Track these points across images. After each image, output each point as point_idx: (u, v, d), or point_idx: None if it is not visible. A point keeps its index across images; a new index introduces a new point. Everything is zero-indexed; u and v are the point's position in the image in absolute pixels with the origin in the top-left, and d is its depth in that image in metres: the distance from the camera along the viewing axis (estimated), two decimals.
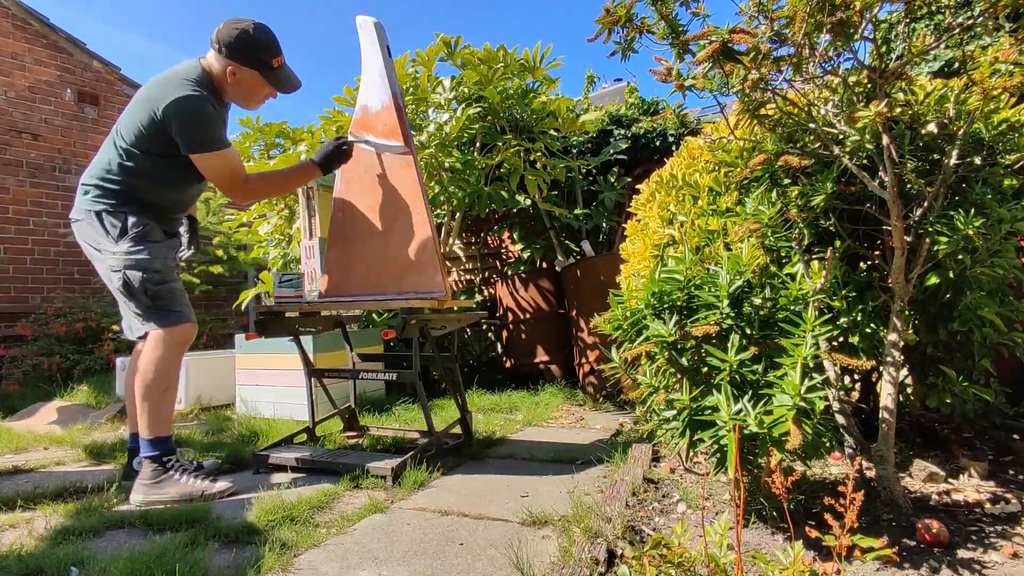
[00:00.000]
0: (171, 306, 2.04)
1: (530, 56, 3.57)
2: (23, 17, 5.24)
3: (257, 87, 2.10)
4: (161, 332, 2.01)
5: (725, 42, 1.35)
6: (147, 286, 1.99)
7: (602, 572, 1.28)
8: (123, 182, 2.03)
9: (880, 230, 1.64)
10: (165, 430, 2.01)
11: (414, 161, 2.28)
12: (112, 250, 2.00)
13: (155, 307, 2.02)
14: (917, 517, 1.43)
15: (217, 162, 2.00)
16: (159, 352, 1.99)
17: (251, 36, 2.01)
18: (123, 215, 2.02)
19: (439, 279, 2.20)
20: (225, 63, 2.03)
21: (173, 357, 2.02)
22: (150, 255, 2.02)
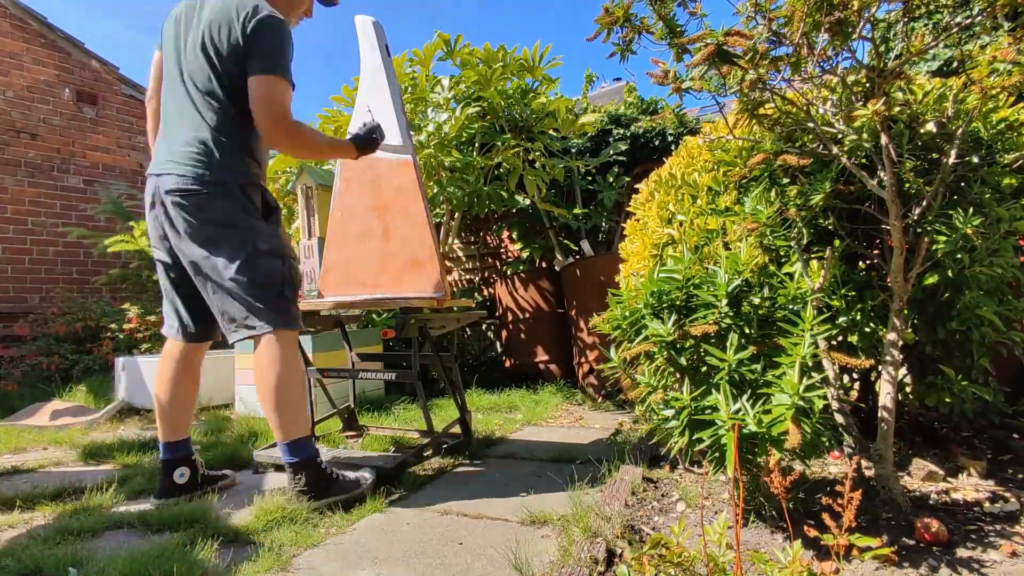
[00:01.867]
0: (294, 307, 1.88)
1: (529, 56, 3.57)
2: (21, 16, 5.23)
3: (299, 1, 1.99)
4: (284, 333, 1.80)
5: (720, 44, 1.35)
6: (295, 277, 1.86)
7: (601, 571, 1.28)
8: (242, 144, 1.81)
9: (879, 229, 1.64)
10: (307, 429, 1.85)
11: (413, 161, 2.28)
12: (266, 232, 1.81)
13: (291, 304, 1.85)
14: (916, 516, 1.43)
15: (282, 89, 1.75)
16: (290, 354, 1.80)
17: None
18: (260, 189, 1.84)
19: (438, 279, 2.20)
20: None
21: (297, 358, 1.85)
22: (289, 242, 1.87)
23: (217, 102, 1.80)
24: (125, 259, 5.16)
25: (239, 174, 1.81)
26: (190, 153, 1.77)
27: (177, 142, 1.80)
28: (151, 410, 3.68)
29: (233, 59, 1.76)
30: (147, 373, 3.73)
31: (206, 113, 1.80)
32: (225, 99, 1.80)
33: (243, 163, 1.83)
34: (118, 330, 4.44)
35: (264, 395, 1.79)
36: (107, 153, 5.69)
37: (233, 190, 1.79)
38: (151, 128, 2.01)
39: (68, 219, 5.35)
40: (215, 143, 1.78)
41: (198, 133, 1.79)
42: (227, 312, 1.80)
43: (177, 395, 1.94)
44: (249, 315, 1.78)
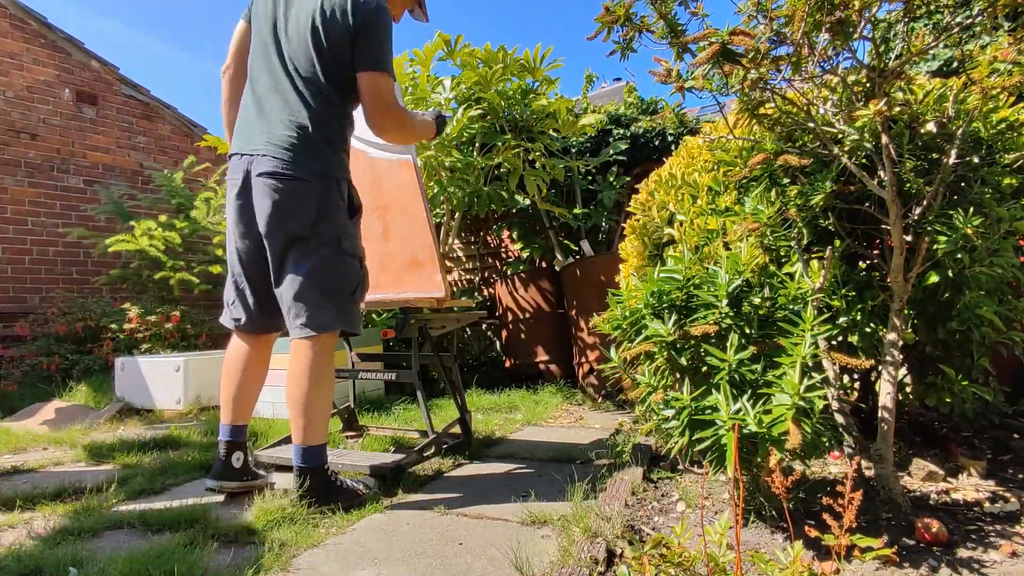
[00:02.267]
0: (358, 312, 1.86)
1: (530, 57, 3.57)
2: (21, 16, 5.23)
3: (398, 7, 1.98)
4: (329, 338, 1.80)
5: (725, 44, 1.35)
6: (366, 282, 1.85)
7: (601, 572, 1.27)
8: (339, 136, 1.79)
9: (879, 229, 1.64)
10: (325, 437, 1.85)
11: (413, 161, 2.28)
12: (350, 231, 1.79)
13: (357, 307, 1.83)
14: (916, 516, 1.43)
15: (391, 85, 1.76)
16: (323, 357, 1.79)
17: None
18: (347, 183, 1.81)
19: (438, 279, 2.20)
20: None
21: (332, 360, 1.84)
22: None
23: (319, 89, 1.76)
24: (125, 259, 5.16)
25: (337, 167, 1.79)
26: (290, 138, 1.72)
27: (277, 125, 1.75)
28: (151, 410, 3.68)
29: (341, 47, 1.72)
30: (147, 373, 3.73)
31: (308, 99, 1.75)
32: (327, 87, 1.77)
33: (339, 156, 1.81)
34: (118, 330, 4.44)
35: (295, 396, 1.77)
36: (107, 153, 5.69)
37: (331, 184, 1.77)
38: (227, 99, 1.95)
39: (68, 219, 5.35)
40: (317, 132, 1.74)
41: (299, 119, 1.74)
42: (295, 307, 1.76)
43: (246, 381, 1.99)
44: (315, 312, 1.75)
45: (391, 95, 1.76)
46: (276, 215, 1.73)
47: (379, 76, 1.72)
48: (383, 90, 1.73)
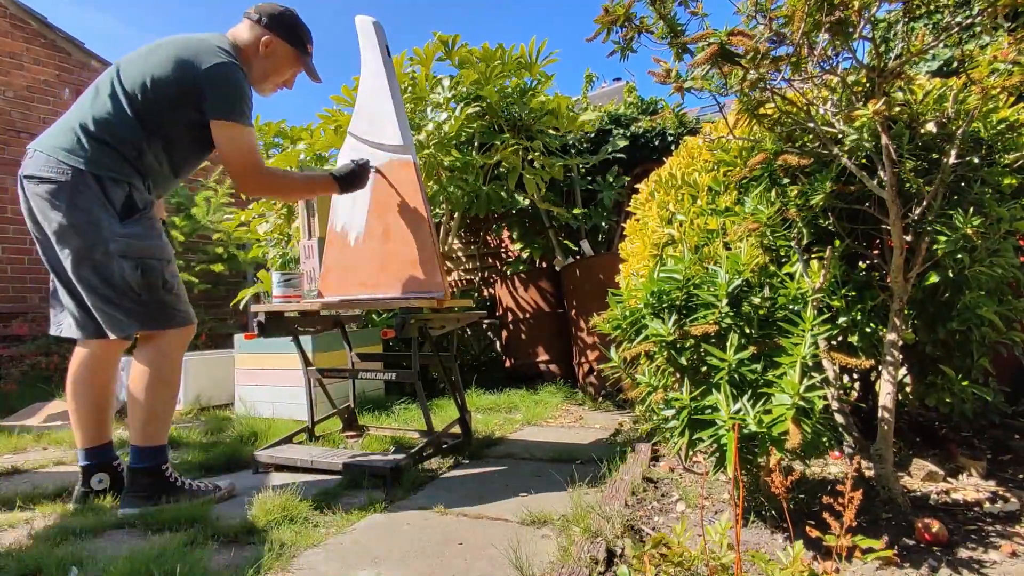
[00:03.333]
0: (180, 304, 1.89)
1: (526, 52, 3.57)
2: (21, 16, 5.23)
3: (285, 66, 2.04)
4: (172, 332, 1.86)
5: (723, 44, 1.35)
6: (167, 279, 1.82)
7: (601, 571, 1.28)
8: (130, 142, 1.79)
9: (879, 229, 1.64)
10: (165, 437, 1.90)
11: (413, 161, 2.28)
12: (119, 232, 1.75)
13: (168, 304, 1.84)
14: (916, 516, 1.43)
15: (242, 136, 1.84)
16: (173, 354, 1.85)
17: (294, 15, 2.02)
18: (126, 186, 1.78)
19: (438, 279, 2.20)
20: (262, 33, 1.96)
21: (180, 358, 1.90)
22: (164, 241, 1.85)
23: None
24: None
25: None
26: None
27: None
28: None
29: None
30: None
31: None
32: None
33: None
34: None
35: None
36: None
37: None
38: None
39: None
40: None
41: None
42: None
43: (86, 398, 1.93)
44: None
45: (248, 146, 1.88)
46: (51, 220, 1.82)
47: (233, 126, 1.85)
48: (239, 141, 1.87)
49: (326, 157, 3.88)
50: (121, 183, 1.78)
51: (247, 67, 1.97)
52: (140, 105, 1.80)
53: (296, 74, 2.10)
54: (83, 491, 1.92)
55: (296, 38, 2.02)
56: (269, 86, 2.07)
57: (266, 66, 2.01)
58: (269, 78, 2.04)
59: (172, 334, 1.87)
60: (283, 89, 2.14)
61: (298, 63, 2.06)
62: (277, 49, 1.99)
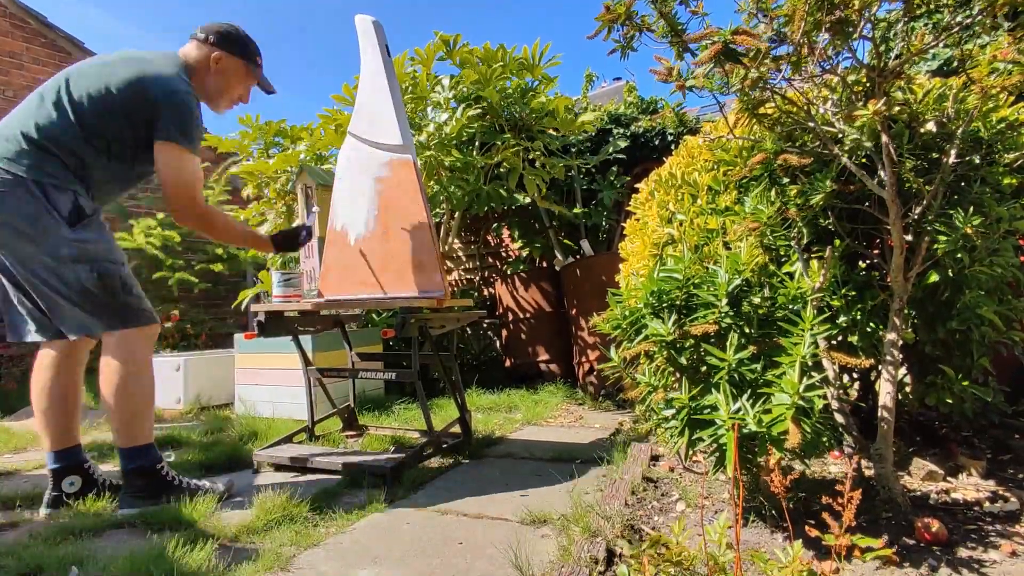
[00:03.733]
0: (143, 304, 1.90)
1: (529, 54, 3.57)
2: (21, 16, 5.23)
3: (237, 81, 2.06)
4: (137, 331, 1.86)
5: (727, 43, 1.35)
6: (125, 281, 1.84)
7: (601, 571, 1.28)
8: (72, 151, 1.79)
9: (879, 229, 1.64)
10: (151, 435, 1.90)
11: (413, 160, 2.28)
12: (68, 236, 1.75)
13: (129, 305, 1.85)
14: (916, 516, 1.43)
15: (186, 161, 1.87)
16: (142, 352, 1.86)
17: (240, 31, 2.04)
18: (71, 193, 1.78)
19: (438, 278, 2.20)
20: (210, 50, 1.99)
21: (149, 357, 1.91)
22: (114, 245, 1.86)
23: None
24: None
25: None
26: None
27: None
28: None
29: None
30: None
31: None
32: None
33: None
34: None
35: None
36: None
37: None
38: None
39: None
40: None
41: None
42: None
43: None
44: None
45: (190, 173, 1.90)
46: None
47: (177, 149, 1.87)
48: (182, 166, 1.89)
49: (326, 156, 3.88)
50: (65, 190, 1.77)
51: (199, 86, 2.00)
52: (87, 117, 1.80)
53: (250, 88, 2.14)
54: (54, 495, 1.88)
55: (245, 52, 2.05)
56: (224, 102, 2.10)
57: (219, 82, 2.03)
58: (223, 94, 2.07)
59: (137, 333, 1.87)
60: (239, 104, 2.17)
61: (250, 76, 2.09)
62: (228, 65, 2.02)
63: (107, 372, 1.83)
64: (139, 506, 1.81)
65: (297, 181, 2.61)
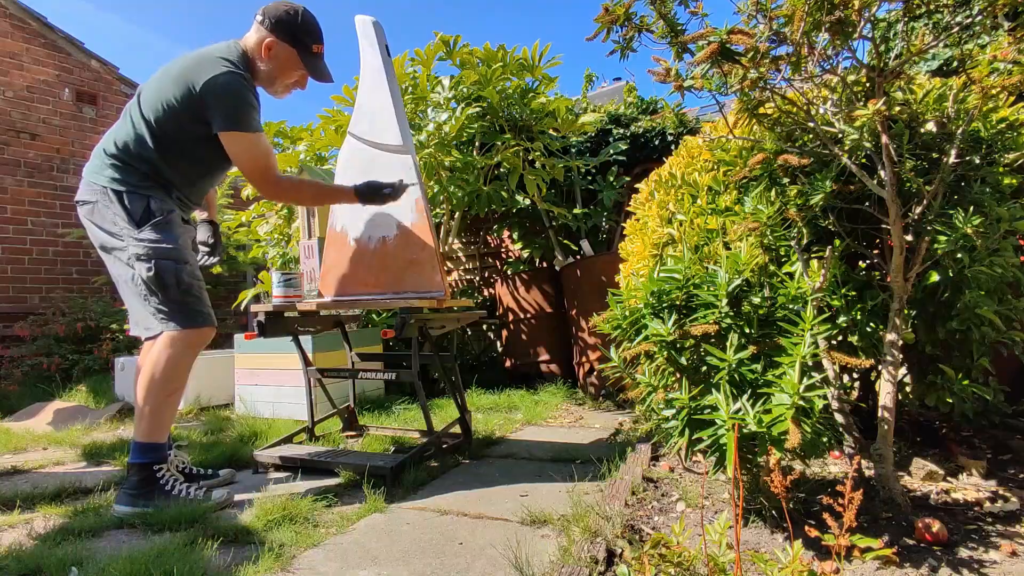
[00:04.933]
0: (199, 305, 1.93)
1: (529, 55, 3.57)
2: (21, 16, 5.23)
3: (290, 68, 2.02)
4: (181, 332, 1.88)
5: (723, 43, 1.35)
6: (181, 278, 1.88)
7: (601, 571, 1.27)
8: (146, 159, 1.91)
9: (879, 229, 1.64)
10: (161, 436, 1.91)
11: (413, 160, 2.28)
12: (136, 236, 1.86)
13: (184, 304, 1.89)
14: (916, 516, 1.43)
15: (251, 145, 1.91)
16: (174, 351, 1.87)
17: (298, 14, 1.99)
18: (145, 198, 1.89)
19: (438, 278, 2.20)
20: (264, 35, 1.97)
21: (187, 359, 1.91)
22: (180, 245, 1.91)
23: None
24: None
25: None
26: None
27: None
28: None
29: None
30: None
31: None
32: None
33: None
34: (118, 330, 4.44)
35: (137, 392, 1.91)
36: None
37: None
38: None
39: (68, 219, 5.35)
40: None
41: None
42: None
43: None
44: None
45: (259, 153, 1.97)
46: (95, 236, 1.99)
47: (239, 136, 1.93)
48: (249, 150, 1.96)
49: (326, 157, 3.88)
50: (139, 195, 1.90)
51: (255, 71, 1.99)
52: (156, 127, 1.90)
53: (306, 75, 2.08)
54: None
55: (297, 39, 1.99)
56: (280, 88, 2.08)
57: (271, 68, 2.00)
58: (277, 80, 2.04)
59: (185, 336, 1.90)
60: (297, 90, 2.12)
61: (301, 65, 2.03)
62: (279, 52, 1.98)
63: (147, 365, 1.89)
64: (129, 505, 1.82)
65: None
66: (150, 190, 1.91)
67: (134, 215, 1.87)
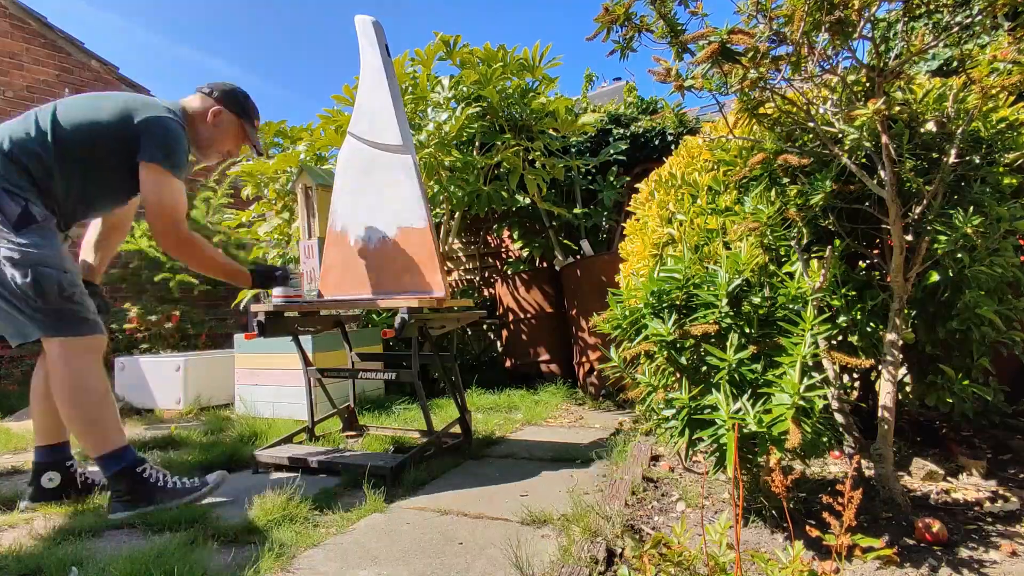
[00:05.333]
0: (84, 312, 1.85)
1: (529, 55, 3.57)
2: (21, 16, 5.23)
3: (231, 135, 2.16)
4: (75, 340, 1.81)
5: (724, 43, 1.35)
6: (64, 287, 1.79)
7: (601, 571, 1.28)
8: (41, 161, 1.83)
9: (879, 229, 1.64)
10: (116, 441, 1.86)
11: (412, 160, 2.28)
12: (11, 239, 1.75)
13: (65, 311, 1.80)
14: (917, 516, 1.43)
15: (168, 184, 1.90)
16: (77, 364, 1.81)
17: (245, 94, 2.18)
18: (24, 201, 1.79)
19: (438, 278, 2.20)
20: (211, 104, 2.10)
21: (94, 366, 1.84)
22: (60, 253, 1.83)
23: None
24: (125, 259, 5.16)
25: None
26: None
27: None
28: (151, 410, 3.68)
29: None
30: (147, 373, 3.73)
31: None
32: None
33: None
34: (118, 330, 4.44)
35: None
36: None
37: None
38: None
39: None
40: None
41: None
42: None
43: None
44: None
45: (171, 196, 1.94)
46: None
47: (160, 171, 1.93)
48: (164, 188, 1.94)
49: (326, 157, 3.88)
50: (16, 196, 1.79)
51: (193, 134, 2.09)
52: (67, 137, 1.87)
53: (240, 145, 2.22)
54: (32, 488, 1.93)
55: (244, 112, 2.16)
56: (213, 153, 2.19)
57: (213, 134, 2.13)
58: (213, 146, 2.16)
59: (75, 343, 1.82)
60: (228, 158, 2.29)
61: (242, 134, 2.18)
62: (224, 120, 2.12)
63: (52, 385, 1.82)
64: (127, 510, 1.80)
65: (297, 182, 2.61)
66: (29, 193, 1.82)
67: (10, 217, 1.77)
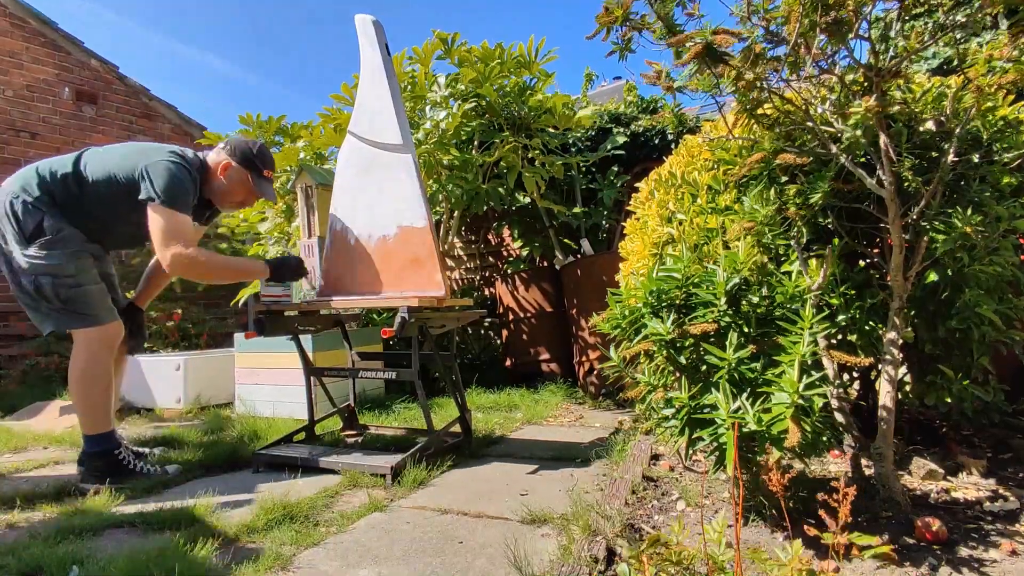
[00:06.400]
0: (89, 309, 2.11)
1: (525, 51, 3.56)
2: (21, 15, 5.23)
3: (240, 186, 2.33)
4: (86, 331, 2.10)
5: (709, 43, 1.35)
6: (60, 291, 2.07)
7: (601, 570, 1.28)
8: (68, 190, 2.13)
9: (879, 228, 1.64)
10: (106, 426, 2.14)
11: (413, 159, 2.28)
12: (24, 252, 2.06)
13: (70, 310, 2.09)
14: (916, 515, 1.44)
15: (167, 217, 2.07)
16: (94, 349, 2.11)
17: (256, 146, 2.34)
18: (41, 215, 2.08)
19: (438, 277, 2.20)
20: (223, 158, 2.30)
21: (101, 354, 2.12)
22: (64, 262, 2.08)
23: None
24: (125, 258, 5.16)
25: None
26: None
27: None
28: (152, 409, 3.69)
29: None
30: (148, 372, 3.74)
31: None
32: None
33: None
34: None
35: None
36: None
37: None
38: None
39: None
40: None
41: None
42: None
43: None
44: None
45: (174, 225, 2.12)
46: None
47: (161, 208, 2.11)
48: (165, 221, 2.12)
49: (325, 156, 3.88)
50: (36, 211, 2.08)
51: (208, 183, 2.32)
52: (90, 180, 2.14)
53: (252, 194, 2.37)
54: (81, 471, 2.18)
55: (252, 166, 2.31)
56: (226, 203, 2.41)
57: (222, 185, 2.32)
58: (226, 196, 2.36)
59: (90, 333, 2.11)
60: (243, 207, 2.48)
61: (250, 184, 2.33)
62: (232, 173, 2.31)
63: (70, 367, 2.13)
64: (95, 483, 2.07)
65: (297, 181, 2.61)
66: (45, 207, 2.09)
67: (25, 230, 2.06)
